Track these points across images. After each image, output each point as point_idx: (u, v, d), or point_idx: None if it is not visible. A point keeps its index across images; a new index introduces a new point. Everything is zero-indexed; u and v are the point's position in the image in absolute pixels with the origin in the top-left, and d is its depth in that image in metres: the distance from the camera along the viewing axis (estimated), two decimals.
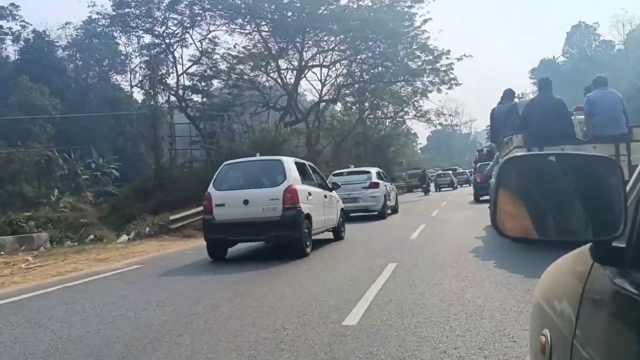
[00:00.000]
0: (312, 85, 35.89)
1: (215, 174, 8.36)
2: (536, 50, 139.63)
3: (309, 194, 8.34)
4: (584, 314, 0.97)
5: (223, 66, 30.41)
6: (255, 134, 21.56)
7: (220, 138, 22.81)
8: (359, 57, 32.42)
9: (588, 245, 1.01)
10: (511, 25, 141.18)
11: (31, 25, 48.09)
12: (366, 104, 39.19)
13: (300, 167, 8.72)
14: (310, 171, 9.29)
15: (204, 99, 30.27)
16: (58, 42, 49.84)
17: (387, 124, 43.96)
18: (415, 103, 37.67)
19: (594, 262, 0.99)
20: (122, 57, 48.06)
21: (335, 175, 14.46)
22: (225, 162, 8.77)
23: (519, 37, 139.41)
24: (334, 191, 10.18)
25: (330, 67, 33.82)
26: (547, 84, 7.56)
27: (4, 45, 48.29)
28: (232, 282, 6.19)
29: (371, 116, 41.46)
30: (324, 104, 35.43)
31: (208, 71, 30.01)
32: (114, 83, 50.59)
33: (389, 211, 15.21)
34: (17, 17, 47.59)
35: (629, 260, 0.87)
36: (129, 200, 20.82)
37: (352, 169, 16.12)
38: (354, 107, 39.00)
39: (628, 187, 0.94)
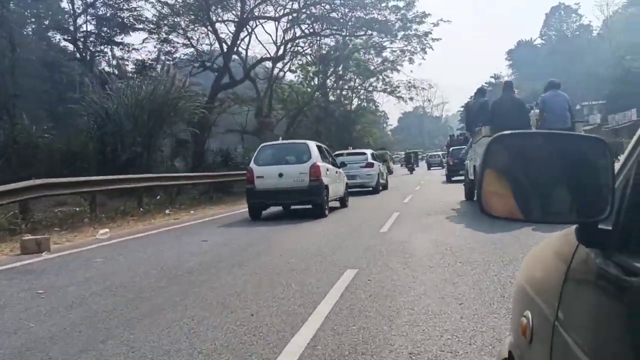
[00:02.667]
0: (267, 49, 30.95)
1: (255, 153, 10.79)
2: (515, 30, 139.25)
3: (327, 169, 10.84)
4: (567, 296, 0.97)
5: (149, 14, 25.19)
6: (140, 91, 16.82)
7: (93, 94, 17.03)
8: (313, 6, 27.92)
9: (573, 227, 1.00)
10: (489, 4, 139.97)
11: None
12: (329, 73, 35.63)
13: (320, 149, 11.18)
14: (326, 152, 11.76)
15: (114, 51, 24.55)
16: None
17: (353, 97, 41.11)
18: (385, 77, 34.83)
19: (578, 244, 0.98)
20: (66, 15, 34.80)
21: (336, 155, 16.91)
22: (263, 144, 11.20)
23: (497, 16, 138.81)
24: (341, 169, 12.66)
25: (282, 19, 28.40)
26: (510, 86, 9.95)
27: None
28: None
29: (335, 86, 38.31)
30: (278, 70, 31.55)
31: (126, 16, 24.29)
32: (55, 43, 35.58)
33: (380, 187, 17.79)
34: None
35: (615, 242, 0.87)
36: None
37: (351, 150, 18.70)
38: (317, 78, 35.21)
39: (616, 169, 0.93)
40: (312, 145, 10.86)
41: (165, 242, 7.85)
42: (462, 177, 13.69)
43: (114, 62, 22.79)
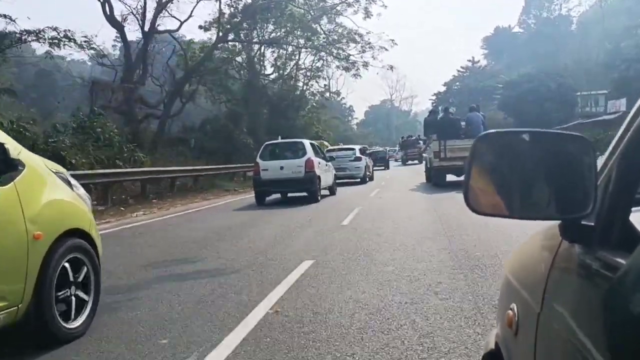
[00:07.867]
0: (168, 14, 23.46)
1: (261, 150, 13.49)
2: (493, 16, 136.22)
3: (319, 163, 13.57)
4: (550, 290, 1.02)
5: None
6: None
7: None
8: None
9: (557, 223, 1.03)
10: None
11: None
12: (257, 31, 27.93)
13: (313, 146, 13.89)
14: (318, 149, 14.48)
15: None
16: None
17: (296, 74, 33.33)
18: (340, 50, 28.60)
19: (562, 240, 1.02)
20: None
21: (329, 151, 19.68)
22: (267, 142, 13.87)
23: (469, 2, 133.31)
24: (330, 162, 15.34)
25: None
26: (447, 109, 15.87)
27: None
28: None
29: (269, 48, 29.80)
30: (158, 11, 22.75)
31: None
32: None
33: (367, 179, 20.58)
34: None
35: (597, 238, 0.90)
36: None
37: (342, 146, 21.54)
38: (220, 32, 25.92)
39: (599, 167, 0.96)
40: (307, 143, 13.63)
41: None
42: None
43: None
